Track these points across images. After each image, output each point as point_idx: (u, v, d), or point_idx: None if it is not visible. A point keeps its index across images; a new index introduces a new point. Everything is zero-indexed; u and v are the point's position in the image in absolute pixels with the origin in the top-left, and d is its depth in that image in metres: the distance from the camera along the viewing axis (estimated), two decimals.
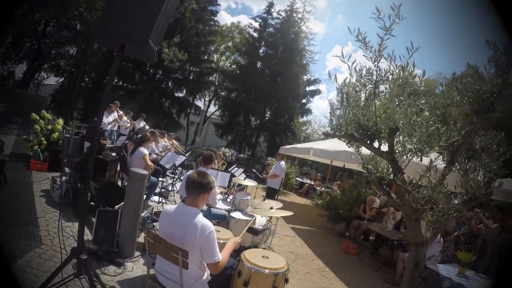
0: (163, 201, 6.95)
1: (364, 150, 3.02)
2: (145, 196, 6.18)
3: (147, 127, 11.06)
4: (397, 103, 2.28)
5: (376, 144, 2.47)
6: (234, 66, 29.25)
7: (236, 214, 4.81)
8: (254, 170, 11.17)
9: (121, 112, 10.53)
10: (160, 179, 7.36)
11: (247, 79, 25.79)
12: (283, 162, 8.59)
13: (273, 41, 26.66)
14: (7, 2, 2.21)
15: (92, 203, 5.25)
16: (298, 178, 17.63)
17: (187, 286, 2.46)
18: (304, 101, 29.09)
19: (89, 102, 21.30)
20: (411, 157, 2.37)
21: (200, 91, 27.54)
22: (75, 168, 6.24)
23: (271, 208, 4.43)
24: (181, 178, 8.08)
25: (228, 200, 6.25)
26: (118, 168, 6.87)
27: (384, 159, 2.53)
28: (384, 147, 2.53)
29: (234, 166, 9.93)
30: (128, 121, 10.92)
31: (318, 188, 15.19)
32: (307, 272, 5.28)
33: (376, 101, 2.39)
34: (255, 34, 27.42)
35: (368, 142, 2.47)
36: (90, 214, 4.84)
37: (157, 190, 7.02)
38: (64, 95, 20.84)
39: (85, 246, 2.74)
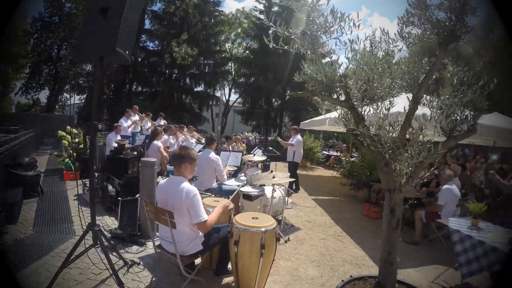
0: None
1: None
2: None
3: (167, 124, 11.60)
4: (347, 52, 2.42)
5: (335, 96, 2.61)
6: (247, 52, 29.17)
7: (246, 188, 5.10)
8: (270, 148, 11.50)
9: (141, 115, 11.14)
10: None
11: (261, 62, 25.69)
12: (298, 136, 8.84)
13: (280, 20, 26.13)
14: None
15: (119, 198, 5.71)
16: (324, 152, 17.65)
17: (181, 246, 2.86)
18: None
19: (113, 112, 22.30)
20: (366, 101, 2.48)
21: (218, 82, 27.85)
22: (100, 170, 6.78)
23: (274, 177, 4.70)
24: None
25: (241, 177, 6.56)
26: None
27: (344, 107, 2.65)
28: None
29: (256, 148, 10.33)
30: (149, 121, 11.50)
31: (344, 158, 15.18)
32: (322, 238, 5.43)
33: (318, 53, 2.53)
34: (262, 16, 27.01)
35: (327, 94, 2.62)
36: (118, 207, 5.33)
37: None
38: (89, 111, 21.99)
39: (95, 220, 3.24)
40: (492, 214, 5.47)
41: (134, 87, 25.88)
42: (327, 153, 17.58)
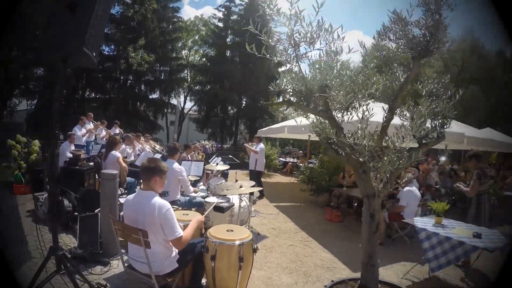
0: None
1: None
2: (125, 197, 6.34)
3: (122, 132, 11.16)
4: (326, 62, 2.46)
5: (312, 106, 2.63)
6: (204, 59, 28.96)
7: (211, 199, 4.98)
8: (230, 156, 11.49)
9: (96, 123, 10.61)
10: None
11: (218, 69, 25.59)
12: (261, 144, 8.99)
13: (239, 28, 26.32)
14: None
15: (76, 213, 5.34)
16: (281, 159, 17.89)
17: (156, 266, 2.67)
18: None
19: (65, 120, 20.98)
20: (344, 112, 2.54)
21: (173, 90, 27.30)
22: None
23: (241, 186, 4.66)
24: None
25: (201, 186, 6.40)
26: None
27: (323, 117, 2.69)
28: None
29: (214, 156, 10.22)
30: (103, 130, 10.98)
31: (302, 165, 15.45)
32: (290, 244, 5.46)
33: (299, 63, 2.56)
34: (220, 24, 27.13)
35: (305, 104, 2.64)
36: (75, 223, 4.96)
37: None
38: (40, 118, 20.35)
39: (58, 243, 2.96)
40: (449, 211, 5.85)
41: (87, 93, 24.58)
42: (284, 160, 17.83)
